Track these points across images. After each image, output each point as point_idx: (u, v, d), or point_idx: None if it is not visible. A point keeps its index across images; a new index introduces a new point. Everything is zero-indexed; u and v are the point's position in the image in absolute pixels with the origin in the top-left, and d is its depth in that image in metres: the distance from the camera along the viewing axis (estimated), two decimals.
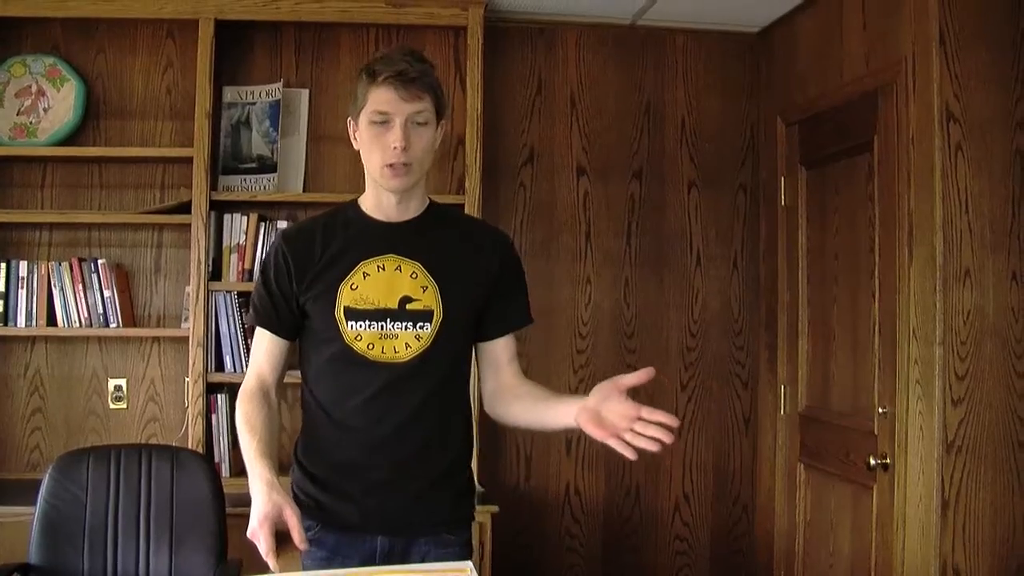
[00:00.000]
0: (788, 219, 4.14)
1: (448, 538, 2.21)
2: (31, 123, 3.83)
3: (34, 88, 3.84)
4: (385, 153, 2.07)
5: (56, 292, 3.77)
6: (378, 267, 2.13)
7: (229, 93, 3.99)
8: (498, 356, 2.26)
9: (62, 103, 3.85)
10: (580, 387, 4.22)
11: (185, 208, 3.79)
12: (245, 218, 3.84)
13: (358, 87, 2.12)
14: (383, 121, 2.06)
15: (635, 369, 1.90)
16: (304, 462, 2.21)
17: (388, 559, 2.13)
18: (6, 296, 3.76)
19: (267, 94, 3.98)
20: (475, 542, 3.42)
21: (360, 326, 2.10)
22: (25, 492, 3.25)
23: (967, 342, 3.06)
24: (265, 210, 3.92)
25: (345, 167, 4.03)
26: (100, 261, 3.80)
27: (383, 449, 2.13)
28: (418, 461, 2.15)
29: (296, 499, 2.12)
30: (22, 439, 3.93)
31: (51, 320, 3.78)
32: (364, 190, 2.24)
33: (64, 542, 2.91)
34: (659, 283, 4.35)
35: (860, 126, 3.55)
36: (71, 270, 3.77)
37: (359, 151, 2.16)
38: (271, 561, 1.78)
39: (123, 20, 3.91)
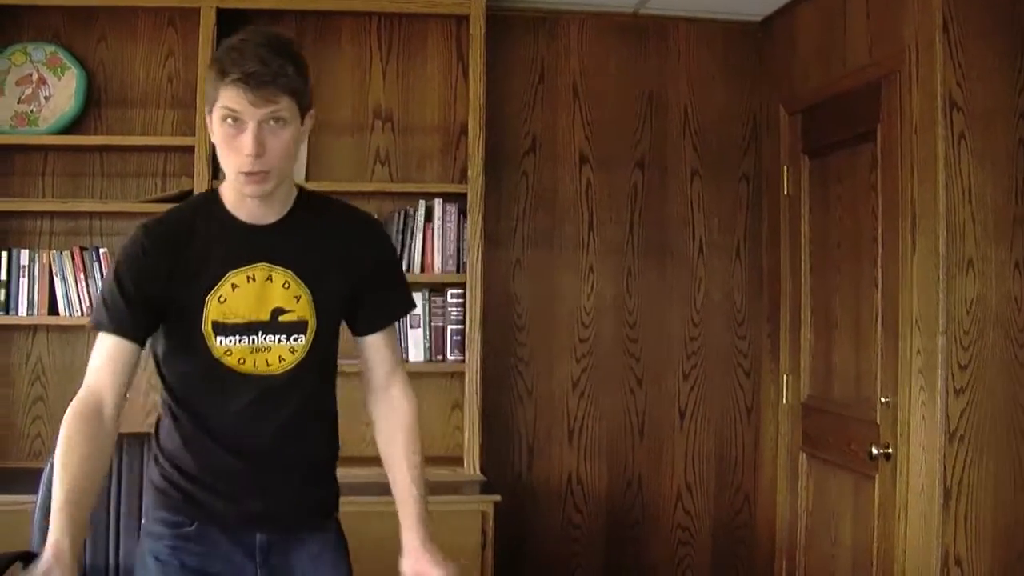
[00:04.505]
0: (791, 208, 4.13)
1: (327, 524, 2.17)
2: (32, 111, 3.82)
3: (35, 76, 3.83)
4: (239, 159, 1.86)
5: (57, 281, 3.77)
6: (248, 277, 1.97)
7: None
8: (370, 356, 2.16)
9: (63, 91, 3.84)
10: (583, 377, 4.24)
11: (187, 197, 3.77)
12: None
13: (208, 79, 1.90)
14: (235, 119, 1.85)
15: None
16: (169, 454, 2.07)
17: (269, 553, 2.06)
18: (7, 285, 3.76)
19: None
20: (478, 532, 3.52)
21: (230, 341, 1.96)
22: (27, 480, 3.23)
23: (970, 331, 3.06)
24: None
25: (345, 156, 4.01)
26: (102, 250, 3.80)
27: (257, 456, 2.04)
28: (293, 465, 2.07)
29: (166, 491, 2.05)
30: (24, 427, 3.93)
31: (52, 309, 3.77)
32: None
33: None
34: (661, 272, 4.35)
35: (863, 115, 3.53)
36: (72, 259, 3.77)
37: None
38: None
39: (124, 8, 3.90)
